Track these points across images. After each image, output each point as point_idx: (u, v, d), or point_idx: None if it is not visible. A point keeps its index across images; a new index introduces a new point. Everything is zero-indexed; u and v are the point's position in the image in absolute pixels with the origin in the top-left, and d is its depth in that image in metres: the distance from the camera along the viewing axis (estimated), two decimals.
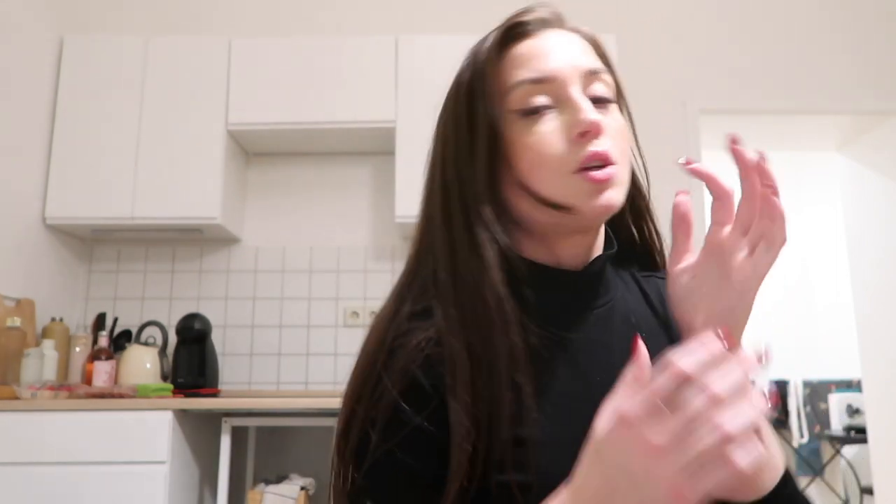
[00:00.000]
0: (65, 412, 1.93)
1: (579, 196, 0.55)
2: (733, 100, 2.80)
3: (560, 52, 0.58)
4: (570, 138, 0.55)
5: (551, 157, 0.55)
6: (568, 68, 0.57)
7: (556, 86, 0.56)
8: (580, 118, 0.55)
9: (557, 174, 0.55)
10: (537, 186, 0.56)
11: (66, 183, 2.40)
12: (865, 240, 3.11)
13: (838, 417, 3.77)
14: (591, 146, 0.55)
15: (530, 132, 0.56)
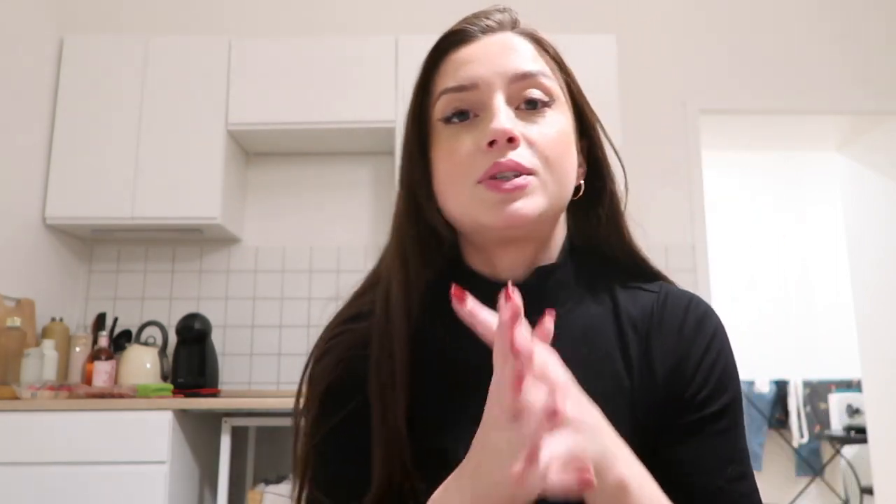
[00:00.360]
0: (65, 412, 1.93)
1: (482, 207, 0.53)
2: (733, 100, 2.80)
3: (487, 59, 0.57)
4: (480, 148, 0.54)
5: (459, 166, 0.55)
6: (491, 74, 0.56)
7: (479, 93, 0.55)
8: (489, 127, 0.53)
9: (463, 185, 0.54)
10: (445, 199, 0.56)
11: (66, 183, 2.40)
12: (865, 240, 3.11)
13: (838, 417, 3.77)
14: (497, 155, 0.53)
15: (446, 142, 0.56)
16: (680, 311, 0.58)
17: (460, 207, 0.55)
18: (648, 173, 2.72)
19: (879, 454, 3.03)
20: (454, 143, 0.55)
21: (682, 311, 0.58)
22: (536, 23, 0.67)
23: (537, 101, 0.56)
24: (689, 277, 2.66)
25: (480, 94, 0.55)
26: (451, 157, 0.55)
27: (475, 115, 0.56)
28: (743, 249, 4.50)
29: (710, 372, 0.55)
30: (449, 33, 0.60)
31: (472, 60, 0.57)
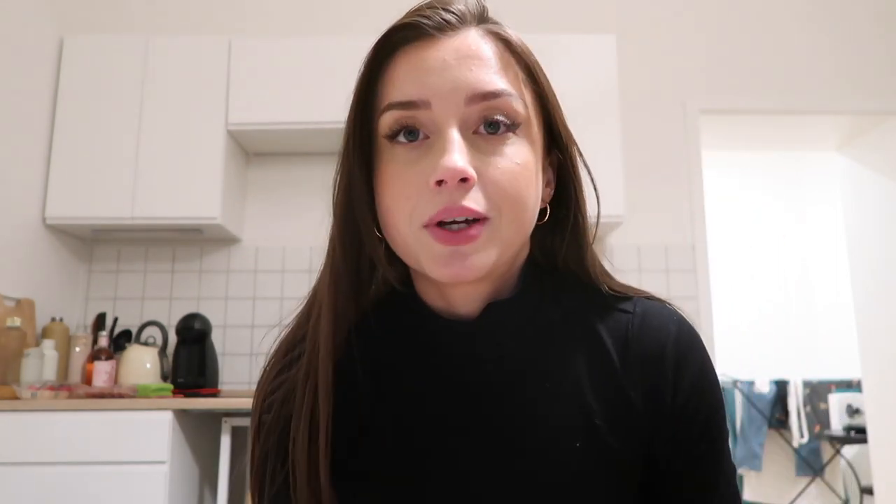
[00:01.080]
0: (65, 412, 1.93)
1: (426, 257, 0.47)
2: (733, 100, 2.80)
3: (444, 70, 0.47)
4: (427, 184, 0.46)
5: (403, 202, 0.47)
6: (447, 91, 0.46)
7: (431, 113, 0.47)
8: (439, 164, 0.45)
9: (406, 225, 0.47)
10: (387, 233, 0.50)
11: (66, 183, 2.40)
12: (865, 240, 3.11)
13: (838, 417, 3.77)
14: (447, 199, 0.45)
15: (390, 165, 0.48)
16: (658, 343, 0.51)
17: (404, 248, 0.49)
18: (648, 173, 2.72)
19: (879, 454, 3.03)
20: (399, 171, 0.47)
21: (660, 342, 0.51)
22: (536, 23, 0.65)
23: (499, 125, 0.47)
24: (689, 277, 2.66)
25: (432, 114, 0.47)
26: (395, 189, 0.47)
27: (425, 137, 0.47)
28: (743, 249, 4.50)
29: (697, 411, 0.50)
30: (398, 26, 0.49)
31: (424, 69, 0.47)
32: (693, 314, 2.25)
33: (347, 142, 0.51)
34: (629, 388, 0.50)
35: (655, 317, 0.53)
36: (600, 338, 0.52)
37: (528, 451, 0.48)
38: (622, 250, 2.67)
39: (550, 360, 0.51)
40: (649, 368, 0.51)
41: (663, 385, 0.50)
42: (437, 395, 0.51)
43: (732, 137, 3.28)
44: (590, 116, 2.42)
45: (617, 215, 2.38)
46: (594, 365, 0.51)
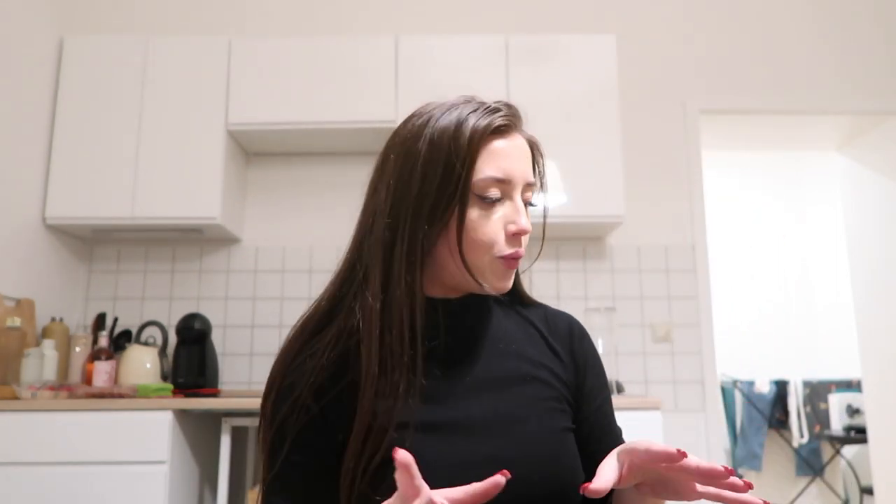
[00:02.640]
0: (65, 412, 1.93)
1: (494, 273, 0.73)
2: (733, 100, 2.80)
3: (518, 161, 0.73)
4: (506, 230, 0.72)
5: (490, 240, 0.71)
6: (519, 176, 0.73)
7: (509, 187, 0.72)
8: (519, 223, 0.71)
9: (486, 252, 0.71)
10: (468, 255, 0.71)
11: (66, 183, 2.40)
12: (865, 240, 3.11)
13: (838, 417, 3.77)
14: (518, 245, 0.73)
15: (482, 215, 0.71)
16: (565, 324, 0.83)
17: (475, 265, 0.72)
18: (648, 173, 2.72)
19: (879, 454, 3.03)
20: (488, 220, 0.71)
21: (566, 323, 0.83)
22: (536, 23, 0.68)
23: (530, 203, 0.76)
24: (689, 277, 2.66)
25: (510, 187, 0.72)
26: (484, 228, 0.71)
27: (500, 200, 0.72)
28: (743, 249, 4.50)
29: (597, 369, 0.82)
30: (498, 126, 0.72)
31: (509, 156, 0.72)
32: (693, 314, 2.30)
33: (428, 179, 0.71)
34: (556, 347, 0.80)
35: (557, 312, 0.86)
36: (530, 320, 0.82)
37: (499, 383, 0.74)
38: (622, 250, 2.67)
39: (502, 331, 0.79)
40: (564, 337, 0.82)
41: (573, 346, 0.81)
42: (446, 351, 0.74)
43: (732, 137, 3.28)
44: (590, 116, 2.42)
45: (617, 215, 2.38)
46: (530, 335, 0.80)
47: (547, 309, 0.86)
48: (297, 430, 0.68)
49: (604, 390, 0.82)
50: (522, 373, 0.75)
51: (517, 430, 0.70)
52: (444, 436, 0.68)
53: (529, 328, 0.81)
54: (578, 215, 2.38)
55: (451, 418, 0.70)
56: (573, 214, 2.37)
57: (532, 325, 0.82)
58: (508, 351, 0.77)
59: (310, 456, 0.68)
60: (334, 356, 0.70)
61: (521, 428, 0.71)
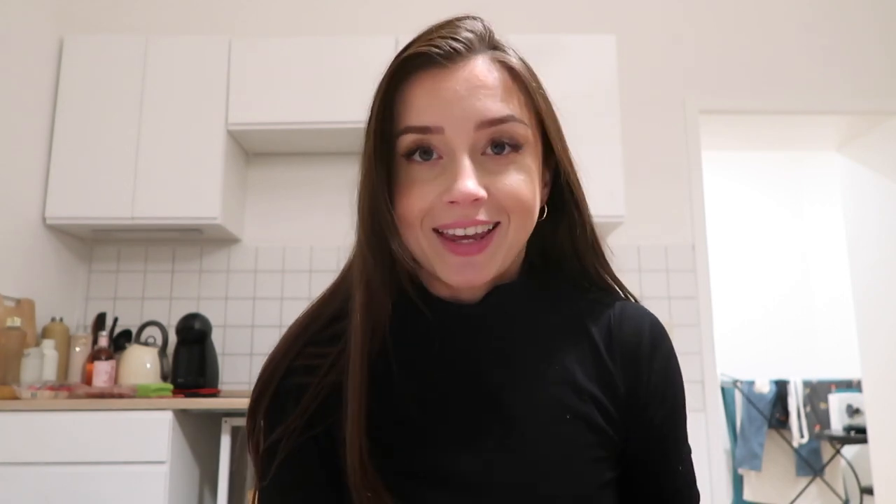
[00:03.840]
0: (65, 412, 1.93)
1: (439, 261, 0.55)
2: (733, 100, 2.80)
3: (455, 99, 0.53)
4: (441, 200, 0.53)
5: (419, 211, 0.54)
6: (458, 119, 0.53)
7: (444, 138, 0.53)
8: (453, 187, 0.52)
9: (420, 229, 0.54)
10: (404, 236, 0.55)
11: (66, 183, 2.40)
12: (865, 240, 3.11)
13: (838, 417, 3.76)
14: (460, 213, 0.53)
15: (410, 182, 0.54)
16: (636, 333, 0.61)
17: (418, 250, 0.56)
18: (648, 173, 2.72)
19: (879, 454, 3.03)
20: (416, 185, 0.54)
21: (637, 333, 0.61)
22: (536, 23, 0.67)
23: (504, 146, 0.54)
24: (689, 277, 2.66)
25: (445, 138, 0.53)
26: (411, 199, 0.54)
27: (439, 157, 0.54)
28: (743, 249, 4.50)
29: (665, 395, 0.60)
30: (413, 55, 0.55)
31: (437, 98, 0.54)
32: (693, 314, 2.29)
33: (370, 155, 0.56)
34: (613, 371, 0.59)
35: (633, 313, 0.63)
36: (587, 328, 0.61)
37: (526, 423, 0.56)
38: (622, 250, 2.67)
39: (544, 343, 0.59)
40: (629, 356, 0.60)
41: (640, 369, 0.59)
42: (449, 375, 0.58)
43: (732, 137, 3.28)
44: (590, 116, 2.41)
45: (617, 215, 2.38)
46: (582, 350, 0.60)
47: (616, 309, 0.62)
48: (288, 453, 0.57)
49: (668, 423, 0.60)
50: (563, 407, 0.56)
51: (547, 492, 0.53)
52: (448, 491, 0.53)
53: (584, 339, 0.60)
54: None
55: (461, 468, 0.54)
56: None
57: (588, 334, 0.60)
58: (549, 373, 0.58)
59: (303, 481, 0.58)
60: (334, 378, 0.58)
61: (553, 489, 0.54)
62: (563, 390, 0.57)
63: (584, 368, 0.59)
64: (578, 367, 0.58)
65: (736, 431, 3.95)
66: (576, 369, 0.58)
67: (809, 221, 4.53)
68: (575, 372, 0.58)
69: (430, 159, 0.54)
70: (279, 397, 0.59)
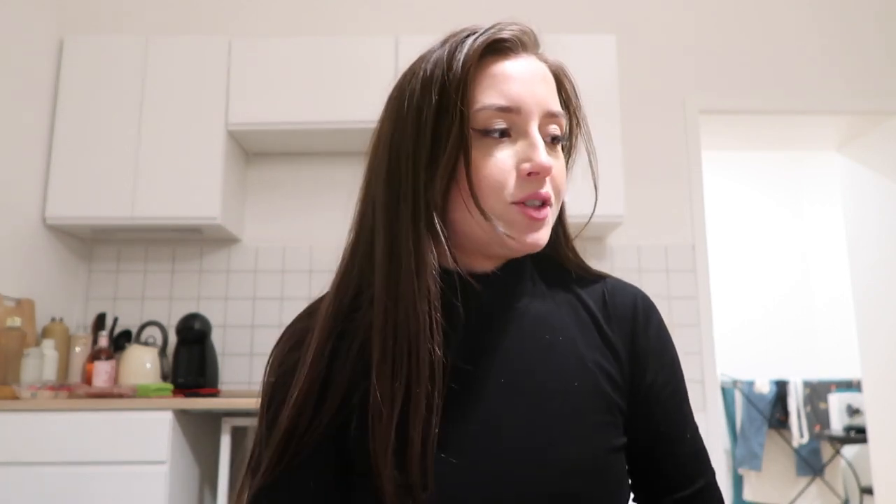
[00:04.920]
0: (65, 412, 1.93)
1: (512, 226, 0.58)
2: (733, 100, 2.80)
3: (530, 85, 0.59)
4: (519, 171, 0.58)
5: (499, 183, 0.57)
6: (533, 104, 0.58)
7: (519, 118, 0.58)
8: (534, 159, 0.57)
9: (497, 200, 0.57)
10: (470, 206, 0.58)
11: (66, 183, 2.40)
12: (865, 240, 3.11)
13: (838, 417, 3.76)
14: (536, 186, 0.58)
15: (488, 154, 0.58)
16: (629, 302, 0.66)
17: (481, 222, 0.58)
18: (648, 173, 2.72)
19: (879, 454, 3.03)
20: (495, 159, 0.58)
21: (630, 301, 0.66)
22: (536, 23, 0.67)
23: (557, 138, 0.61)
24: (689, 277, 2.66)
25: (520, 118, 0.58)
26: (491, 170, 0.57)
27: (509, 136, 0.59)
28: (743, 249, 4.50)
29: (664, 360, 0.65)
30: (496, 39, 0.59)
31: (515, 80, 0.59)
32: (693, 314, 2.30)
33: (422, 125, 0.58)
34: (612, 339, 0.64)
35: (622, 286, 0.68)
36: (584, 301, 0.66)
37: (537, 389, 0.59)
38: (622, 250, 2.67)
39: (548, 315, 0.64)
40: (624, 322, 0.65)
41: (636, 333, 0.64)
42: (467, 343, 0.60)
43: (732, 137, 3.28)
44: (589, 116, 2.41)
45: (617, 215, 2.38)
46: (582, 322, 0.64)
47: (607, 283, 0.68)
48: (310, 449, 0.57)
49: (670, 385, 0.64)
50: (569, 375, 0.60)
51: (557, 456, 0.56)
52: (460, 456, 0.55)
53: (582, 312, 0.65)
54: (578, 215, 2.37)
55: (472, 434, 0.56)
56: (573, 215, 2.35)
57: (586, 307, 0.65)
58: (554, 343, 0.62)
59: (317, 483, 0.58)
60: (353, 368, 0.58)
61: (562, 453, 0.56)
62: (570, 358, 0.61)
63: (585, 337, 0.63)
64: (580, 336, 0.63)
65: (736, 431, 3.95)
66: (578, 338, 0.63)
67: (809, 221, 4.53)
68: (577, 340, 0.62)
69: (505, 137, 0.58)
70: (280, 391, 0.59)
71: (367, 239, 0.62)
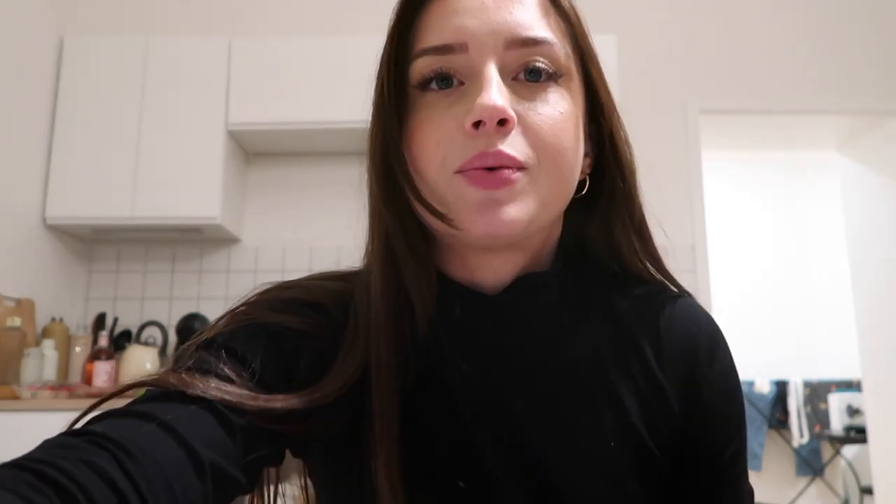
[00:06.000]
0: (65, 412, 1.92)
1: (458, 204, 0.43)
2: (733, 100, 2.80)
3: (481, 11, 0.43)
4: (462, 128, 0.42)
5: (435, 148, 0.43)
6: (485, 33, 0.43)
7: (467, 57, 0.43)
8: (477, 104, 0.41)
9: (438, 173, 0.43)
10: (419, 184, 0.44)
11: (66, 183, 2.40)
12: (866, 239, 3.11)
13: (838, 417, 3.77)
14: (485, 144, 0.41)
15: (421, 114, 0.44)
16: (689, 335, 0.49)
17: (435, 198, 0.44)
18: (648, 173, 2.72)
19: (879, 454, 3.03)
20: (430, 117, 0.44)
21: (690, 334, 0.49)
22: None
23: (541, 72, 0.44)
24: (690, 277, 2.66)
25: (469, 57, 0.43)
26: (424, 135, 0.44)
27: (460, 83, 0.44)
28: (743, 249, 4.50)
29: (727, 415, 0.49)
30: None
31: (461, 11, 0.44)
32: None
33: (380, 94, 0.47)
34: (666, 387, 0.47)
35: (685, 313, 0.50)
36: (633, 332, 0.49)
37: (557, 452, 0.45)
38: None
39: (581, 353, 0.47)
40: (681, 363, 0.48)
41: (695, 379, 0.48)
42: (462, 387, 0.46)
43: (732, 137, 3.28)
44: None
45: None
46: (627, 359, 0.48)
47: (665, 302, 0.50)
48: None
49: (730, 450, 0.48)
50: (603, 432, 0.45)
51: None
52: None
53: (627, 345, 0.48)
54: None
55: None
56: None
57: (632, 337, 0.49)
58: (586, 387, 0.46)
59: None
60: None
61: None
62: (606, 410, 0.46)
63: (630, 383, 0.47)
64: (623, 382, 0.47)
65: None
66: (620, 385, 0.46)
67: (810, 221, 4.53)
68: (619, 388, 0.46)
69: (450, 87, 0.44)
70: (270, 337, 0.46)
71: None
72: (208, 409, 0.39)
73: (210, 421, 0.38)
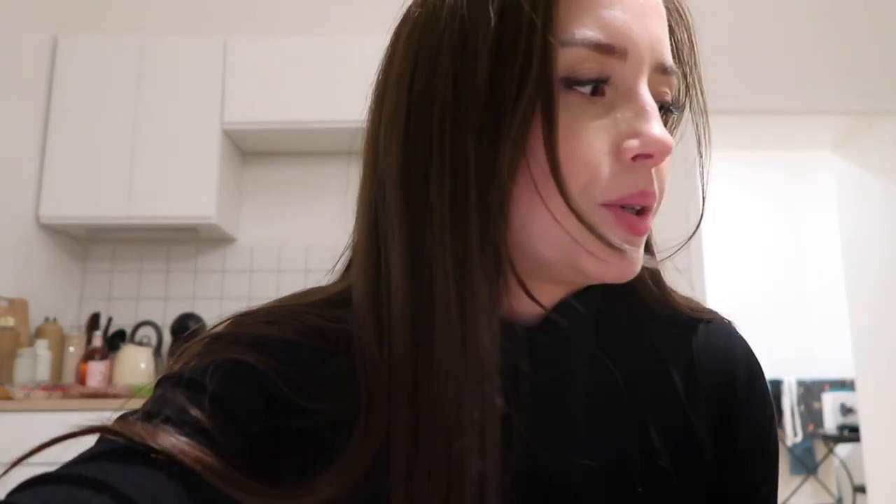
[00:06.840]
0: (58, 412, 1.92)
1: (596, 243, 0.36)
2: (730, 100, 2.81)
3: (641, 17, 0.37)
4: (619, 152, 0.36)
5: (588, 168, 0.35)
6: (644, 45, 0.36)
7: (623, 67, 0.36)
8: (645, 132, 0.35)
9: (584, 197, 0.36)
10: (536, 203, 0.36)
11: (60, 182, 2.39)
12: (860, 240, 3.13)
13: (832, 416, 3.78)
14: (642, 180, 0.36)
15: (573, 120, 0.35)
16: (725, 366, 0.45)
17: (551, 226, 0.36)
18: None
19: (872, 453, 3.05)
20: (575, 128, 0.35)
21: (728, 366, 0.45)
22: None
23: (669, 108, 0.41)
24: (685, 277, 2.67)
25: (625, 67, 0.36)
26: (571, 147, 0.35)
27: (602, 94, 0.36)
28: (738, 249, 4.52)
29: (764, 452, 0.45)
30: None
31: (620, 6, 0.36)
32: None
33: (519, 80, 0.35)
34: (696, 425, 0.43)
35: (718, 341, 0.46)
36: (663, 364, 0.44)
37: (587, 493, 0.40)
38: None
39: (610, 388, 0.42)
40: (716, 397, 0.44)
41: (733, 415, 0.44)
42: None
43: (729, 137, 3.29)
44: None
45: None
46: (657, 395, 0.43)
47: (699, 333, 0.46)
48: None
49: (765, 488, 0.45)
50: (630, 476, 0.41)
51: None
52: None
53: (657, 380, 0.44)
54: None
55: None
56: None
57: (662, 370, 0.44)
58: (614, 429, 0.42)
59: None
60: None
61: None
62: (634, 453, 0.41)
63: (659, 422, 0.42)
64: (653, 422, 0.42)
65: None
66: (650, 424, 0.42)
67: (805, 221, 4.55)
68: (649, 427, 0.42)
69: (597, 94, 0.36)
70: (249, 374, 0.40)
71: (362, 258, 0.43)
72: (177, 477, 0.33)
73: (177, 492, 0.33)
